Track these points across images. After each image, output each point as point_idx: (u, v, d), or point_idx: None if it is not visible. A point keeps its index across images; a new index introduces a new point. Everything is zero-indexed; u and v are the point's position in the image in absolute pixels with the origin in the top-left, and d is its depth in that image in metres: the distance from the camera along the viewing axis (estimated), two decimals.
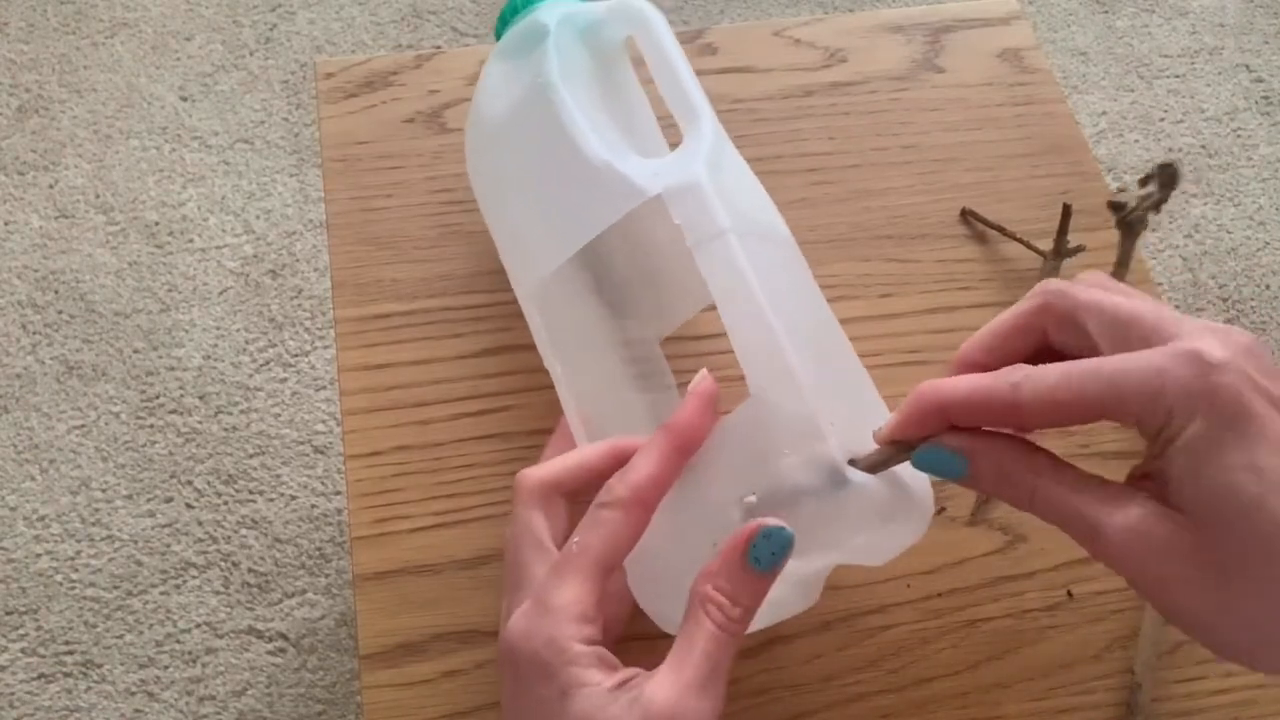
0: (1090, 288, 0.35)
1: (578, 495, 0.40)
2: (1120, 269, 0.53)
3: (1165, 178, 0.49)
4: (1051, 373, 0.33)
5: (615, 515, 0.36)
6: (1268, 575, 0.30)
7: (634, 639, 0.47)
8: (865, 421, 0.37)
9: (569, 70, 0.46)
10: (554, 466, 0.40)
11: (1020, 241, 0.57)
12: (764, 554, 0.35)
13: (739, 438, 0.38)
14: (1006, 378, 0.33)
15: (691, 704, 0.33)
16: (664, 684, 0.33)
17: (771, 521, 0.35)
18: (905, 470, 0.36)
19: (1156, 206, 0.52)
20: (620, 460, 0.39)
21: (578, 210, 0.42)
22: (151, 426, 1.17)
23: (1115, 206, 0.50)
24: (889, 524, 0.37)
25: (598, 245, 0.42)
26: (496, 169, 0.48)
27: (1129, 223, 0.51)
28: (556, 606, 0.35)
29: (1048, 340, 0.35)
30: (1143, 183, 0.51)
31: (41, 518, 1.12)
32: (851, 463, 0.36)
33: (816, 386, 0.37)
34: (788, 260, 0.43)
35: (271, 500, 1.13)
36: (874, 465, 0.36)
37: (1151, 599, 0.33)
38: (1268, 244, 1.34)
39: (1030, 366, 0.33)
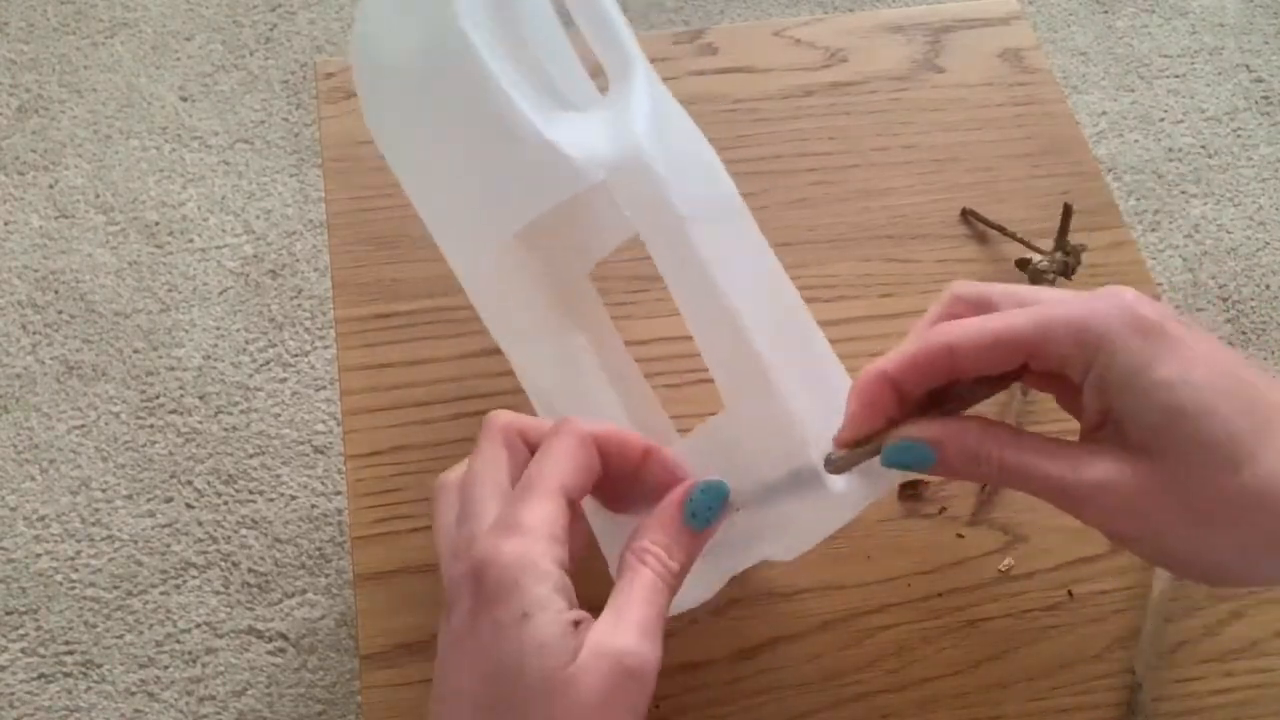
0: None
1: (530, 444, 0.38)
2: None
3: (1073, 252, 0.48)
4: (980, 319, 0.36)
5: (570, 442, 0.36)
6: (1231, 484, 0.32)
7: None
8: (834, 400, 0.38)
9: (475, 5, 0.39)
10: (522, 420, 0.38)
11: (1020, 241, 0.57)
12: (700, 508, 0.36)
13: (717, 447, 0.38)
14: (938, 336, 0.36)
15: (633, 647, 0.33)
16: (607, 629, 0.33)
17: (707, 478, 0.36)
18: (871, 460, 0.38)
19: (1066, 273, 0.53)
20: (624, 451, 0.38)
21: (507, 193, 0.39)
22: (151, 426, 1.17)
23: (1022, 264, 0.48)
24: (854, 513, 0.39)
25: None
26: (403, 123, 0.42)
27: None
28: (529, 525, 0.34)
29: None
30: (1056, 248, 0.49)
31: (41, 518, 1.12)
32: (827, 461, 0.37)
33: (792, 388, 0.37)
34: (743, 235, 0.41)
35: (271, 500, 1.13)
36: (847, 464, 0.37)
37: (1130, 546, 0.35)
38: (1268, 244, 1.34)
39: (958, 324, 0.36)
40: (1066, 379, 0.36)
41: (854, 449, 0.37)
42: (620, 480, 0.38)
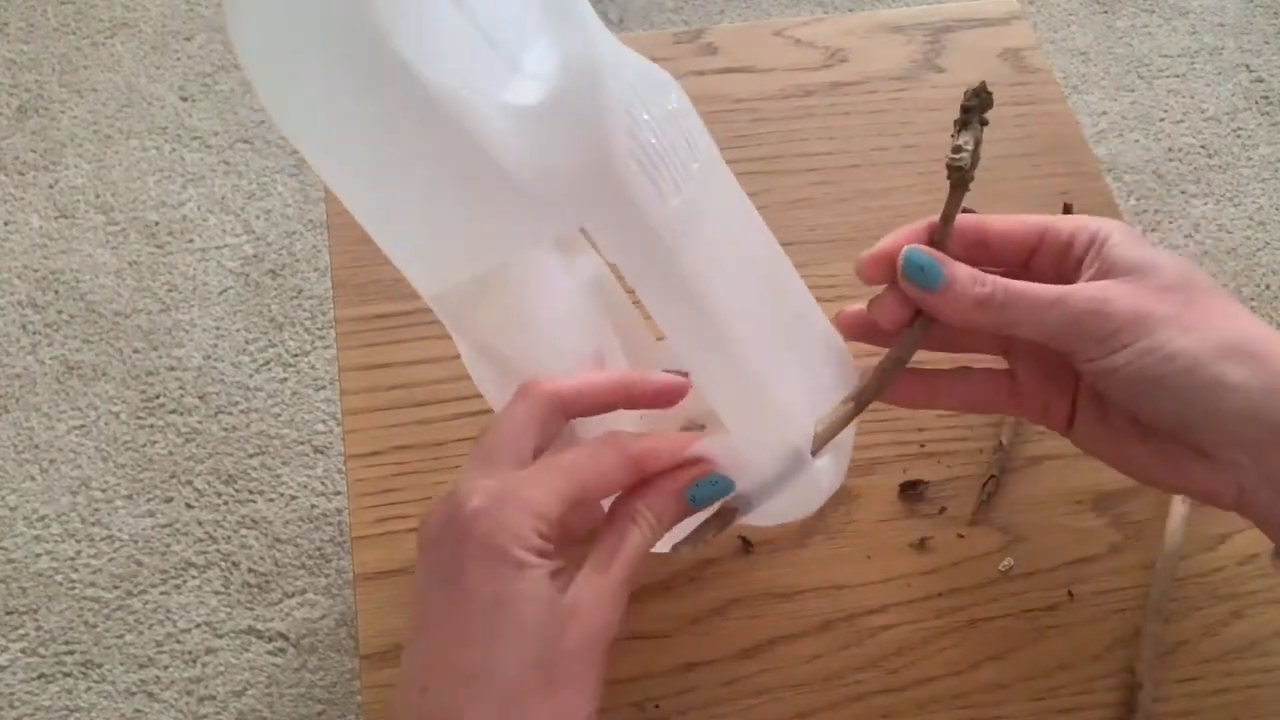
0: None
1: (580, 415, 0.39)
2: (947, 225, 0.44)
3: (981, 103, 0.42)
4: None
5: (613, 459, 0.37)
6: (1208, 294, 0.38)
7: (636, 637, 0.47)
8: (817, 364, 0.40)
9: None
10: (565, 382, 0.39)
11: None
12: (702, 495, 0.38)
13: (717, 455, 0.39)
14: (970, 218, 0.43)
15: (610, 608, 0.35)
16: (591, 589, 0.35)
17: (720, 471, 0.38)
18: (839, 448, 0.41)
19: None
20: (629, 393, 0.39)
21: (465, 227, 0.35)
22: (151, 426, 1.17)
23: (956, 169, 0.42)
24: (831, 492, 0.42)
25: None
26: (312, 113, 0.34)
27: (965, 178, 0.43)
28: (525, 500, 0.35)
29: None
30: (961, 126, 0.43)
31: (41, 518, 1.12)
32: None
33: (784, 386, 0.38)
34: (719, 197, 0.38)
35: (271, 500, 1.13)
36: (827, 437, 0.39)
37: (1121, 363, 0.38)
38: (1268, 244, 1.34)
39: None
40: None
41: (831, 424, 0.39)
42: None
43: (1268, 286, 1.30)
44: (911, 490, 0.50)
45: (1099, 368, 0.38)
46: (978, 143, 0.39)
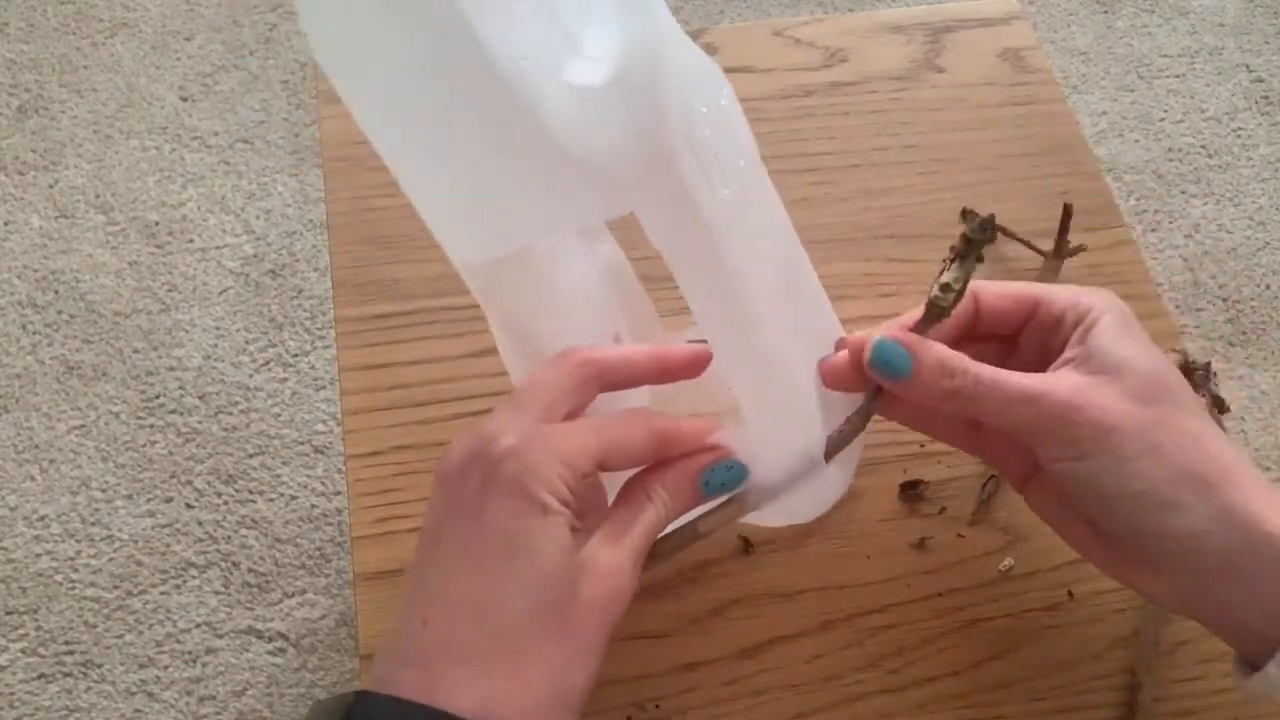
0: None
1: (615, 388, 0.39)
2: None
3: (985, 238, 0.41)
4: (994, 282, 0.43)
5: (642, 431, 0.38)
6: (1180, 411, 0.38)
7: (636, 637, 0.47)
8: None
9: None
10: (603, 351, 0.39)
11: (1020, 241, 0.57)
12: (716, 481, 0.39)
13: (735, 446, 0.39)
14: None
15: (627, 570, 0.35)
16: (608, 548, 0.35)
17: (736, 458, 0.39)
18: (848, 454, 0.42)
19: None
20: (663, 365, 0.39)
21: (512, 203, 0.35)
22: (151, 426, 1.17)
23: (937, 307, 0.41)
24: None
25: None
26: (371, 73, 0.34)
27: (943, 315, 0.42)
28: (559, 445, 0.35)
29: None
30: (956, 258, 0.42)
31: (41, 518, 1.12)
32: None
33: (809, 386, 0.39)
34: (758, 200, 0.38)
35: (271, 500, 1.13)
36: (841, 444, 0.40)
37: (1094, 469, 0.38)
38: (1268, 244, 1.34)
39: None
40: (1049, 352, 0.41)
41: (844, 432, 0.40)
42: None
43: (1268, 286, 1.30)
44: (911, 490, 0.50)
45: (1059, 469, 0.39)
46: (967, 280, 0.39)
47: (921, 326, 0.40)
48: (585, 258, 0.41)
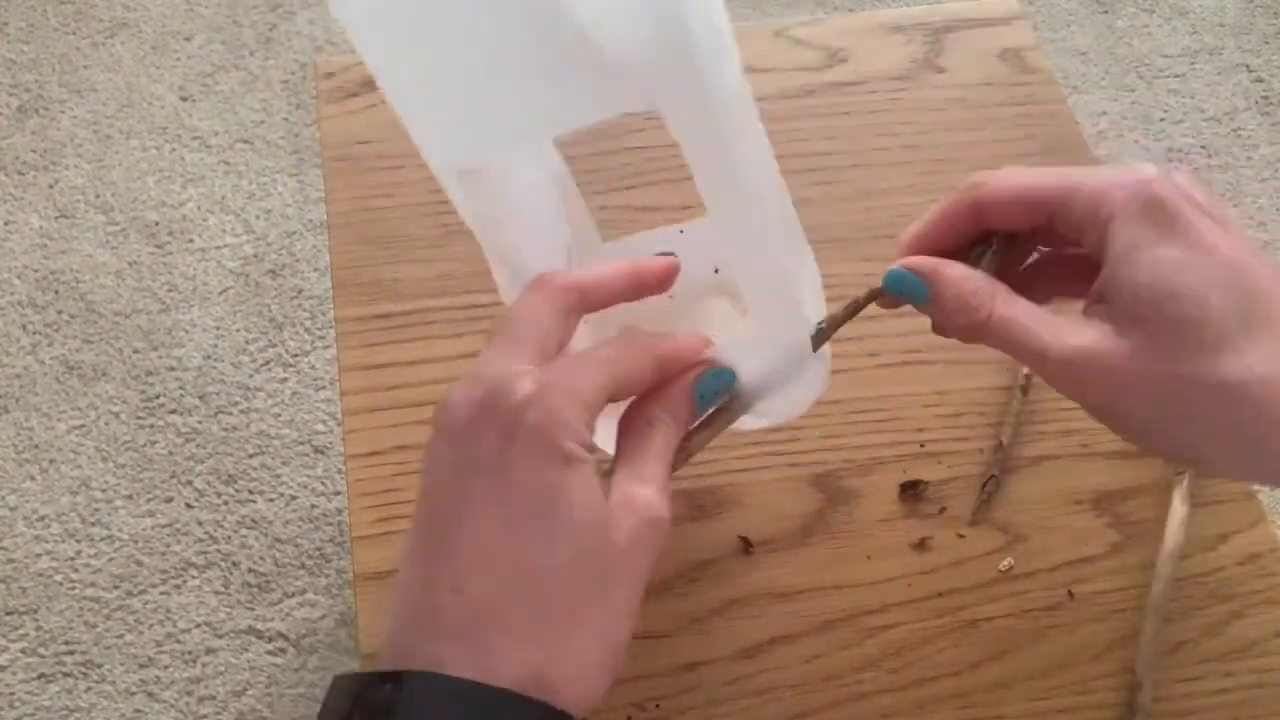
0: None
1: (594, 309, 0.38)
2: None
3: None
4: (1010, 171, 0.38)
5: (642, 356, 0.37)
6: (1208, 370, 0.33)
7: (636, 637, 0.47)
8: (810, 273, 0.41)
9: None
10: (580, 275, 0.37)
11: None
12: (709, 390, 0.38)
13: (727, 351, 0.39)
14: (968, 190, 0.39)
15: (656, 500, 0.34)
16: (631, 484, 0.34)
17: (721, 363, 0.38)
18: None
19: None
20: (638, 280, 0.39)
21: (534, 92, 0.34)
22: (151, 426, 1.17)
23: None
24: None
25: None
26: None
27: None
28: (574, 385, 0.34)
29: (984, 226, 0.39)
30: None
31: (41, 518, 1.12)
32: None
33: (800, 279, 0.40)
34: (752, 118, 0.38)
35: (271, 500, 1.13)
36: (829, 333, 0.40)
37: (1105, 419, 0.36)
38: (1268, 244, 1.34)
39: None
40: (1081, 255, 0.37)
41: (832, 319, 0.40)
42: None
43: None
44: (911, 490, 0.50)
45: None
46: (843, 320, 0.41)
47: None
48: (536, 170, 0.41)
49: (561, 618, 0.32)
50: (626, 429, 0.37)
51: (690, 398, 0.38)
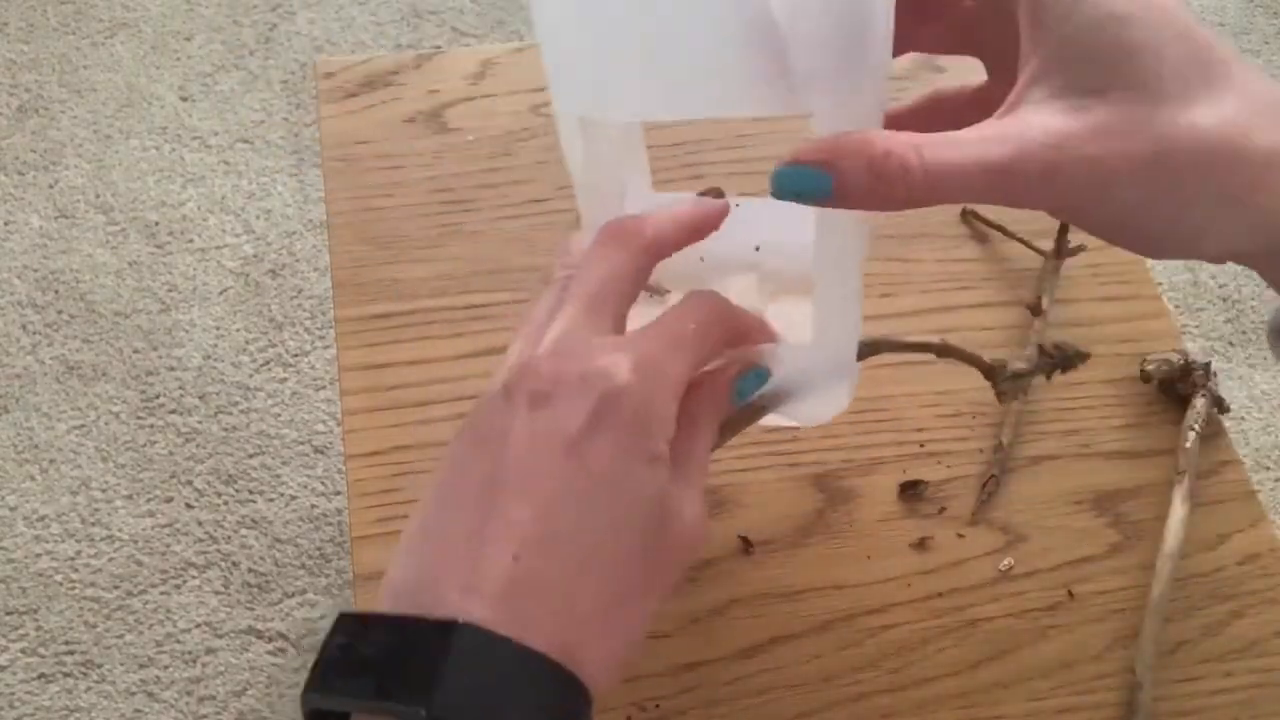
0: None
1: (662, 259, 0.37)
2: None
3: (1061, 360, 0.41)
4: None
5: (721, 332, 0.36)
6: (1181, 127, 0.29)
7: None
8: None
9: None
10: (654, 225, 0.37)
11: (1021, 241, 0.57)
12: (746, 390, 0.38)
13: (783, 363, 0.39)
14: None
15: (703, 514, 0.34)
16: (685, 491, 0.34)
17: (761, 363, 0.38)
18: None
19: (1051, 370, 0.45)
20: (699, 224, 0.38)
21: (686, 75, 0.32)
22: (151, 426, 1.17)
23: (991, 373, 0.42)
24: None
25: None
26: None
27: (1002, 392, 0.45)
28: (671, 375, 0.33)
29: None
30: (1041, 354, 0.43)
31: (41, 518, 1.12)
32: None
33: (859, 296, 0.39)
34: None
35: (271, 500, 1.13)
36: (870, 353, 0.41)
37: (1076, 216, 0.31)
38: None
39: None
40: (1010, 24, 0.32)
41: (885, 345, 0.41)
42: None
43: (1268, 286, 1.31)
44: (911, 490, 0.50)
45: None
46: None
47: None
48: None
49: (605, 609, 0.32)
50: (687, 418, 0.36)
51: (727, 398, 0.37)
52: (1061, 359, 0.38)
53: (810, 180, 0.30)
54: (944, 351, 0.41)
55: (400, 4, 1.49)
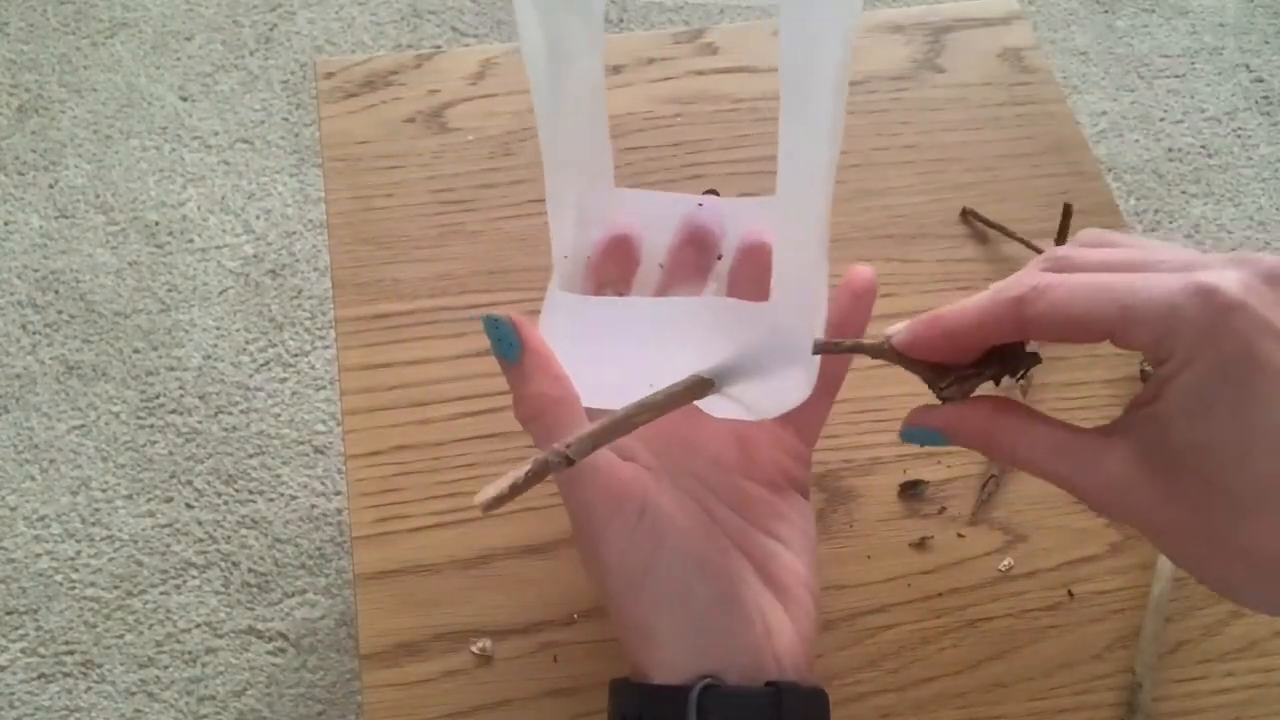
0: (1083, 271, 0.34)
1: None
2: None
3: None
4: (1062, 287, 0.33)
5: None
6: (1242, 527, 0.30)
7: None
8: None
9: None
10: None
11: (1020, 241, 0.57)
12: None
13: (743, 323, 0.38)
14: (1010, 291, 0.34)
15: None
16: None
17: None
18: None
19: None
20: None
21: None
22: (151, 426, 1.17)
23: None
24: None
25: None
26: None
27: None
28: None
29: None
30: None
31: (41, 518, 1.12)
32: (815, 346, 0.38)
33: (823, 277, 0.39)
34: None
35: (271, 500, 1.13)
36: (824, 350, 0.39)
37: (1142, 532, 0.34)
38: (1268, 244, 1.34)
39: (1043, 277, 0.33)
40: None
41: (843, 342, 0.39)
42: None
43: None
44: (911, 490, 0.50)
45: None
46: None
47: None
48: (591, 57, 0.41)
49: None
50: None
51: None
52: (1011, 361, 0.37)
53: (933, 438, 0.38)
54: (876, 354, 0.40)
55: (400, 4, 1.49)
